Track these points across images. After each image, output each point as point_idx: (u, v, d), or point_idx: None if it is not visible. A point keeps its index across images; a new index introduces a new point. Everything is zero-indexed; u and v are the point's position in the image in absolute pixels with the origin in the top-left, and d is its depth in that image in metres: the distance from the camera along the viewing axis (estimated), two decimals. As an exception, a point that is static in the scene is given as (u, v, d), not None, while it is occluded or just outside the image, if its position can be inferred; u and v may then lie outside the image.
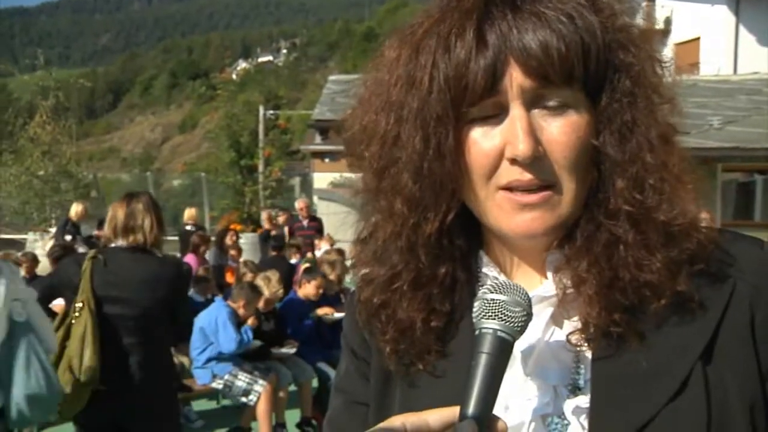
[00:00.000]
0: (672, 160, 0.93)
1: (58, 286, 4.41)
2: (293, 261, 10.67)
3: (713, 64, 27.63)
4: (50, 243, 13.27)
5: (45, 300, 4.48)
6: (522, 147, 0.88)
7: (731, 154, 13.68)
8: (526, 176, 0.90)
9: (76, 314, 3.98)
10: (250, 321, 6.78)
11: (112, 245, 4.16)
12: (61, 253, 8.34)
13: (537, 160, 0.90)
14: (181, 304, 4.43)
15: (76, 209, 13.60)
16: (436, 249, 0.99)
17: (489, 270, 1.03)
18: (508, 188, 0.92)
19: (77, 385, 3.90)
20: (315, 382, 7.33)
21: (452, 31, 0.91)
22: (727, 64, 28.23)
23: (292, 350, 7.20)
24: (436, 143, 0.93)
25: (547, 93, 0.90)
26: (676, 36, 31.25)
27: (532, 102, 0.90)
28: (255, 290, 7.02)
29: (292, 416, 7.09)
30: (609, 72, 0.92)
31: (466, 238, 1.02)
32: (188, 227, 12.65)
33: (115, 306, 4.05)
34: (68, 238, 13.04)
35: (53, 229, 14.99)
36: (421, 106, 0.93)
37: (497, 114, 0.91)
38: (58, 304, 5.22)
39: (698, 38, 30.26)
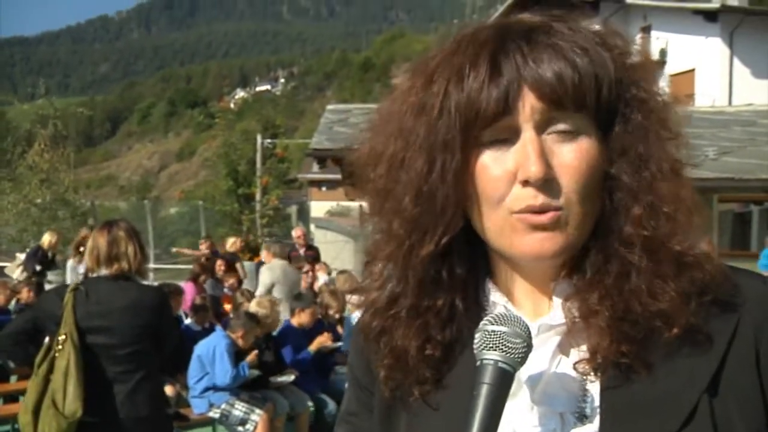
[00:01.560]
0: (684, 192, 0.95)
1: (41, 318, 4.33)
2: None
3: (708, 96, 27.85)
4: (18, 270, 13.26)
5: (27, 332, 4.40)
6: (534, 169, 0.89)
7: (727, 184, 13.75)
8: (539, 200, 0.91)
9: (59, 347, 3.91)
10: (250, 357, 6.71)
11: (94, 275, 4.13)
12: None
13: (548, 183, 0.91)
14: (166, 331, 4.35)
15: (50, 239, 13.59)
16: (433, 279, 1.01)
17: (497, 298, 1.04)
18: (520, 211, 0.93)
19: (60, 418, 3.82)
20: (312, 412, 7.28)
21: (466, 61, 0.93)
22: (722, 95, 28.46)
23: (291, 378, 7.16)
24: (440, 166, 0.94)
25: (559, 117, 0.91)
26: (671, 67, 31.50)
27: (543, 126, 0.92)
28: (253, 319, 6.99)
29: (289, 446, 7.05)
30: (621, 105, 0.95)
31: (468, 268, 1.03)
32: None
33: (100, 336, 4.00)
34: (38, 267, 13.04)
35: (22, 255, 14.90)
36: (428, 131, 0.95)
37: (508, 138, 0.93)
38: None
39: (693, 70, 30.52)
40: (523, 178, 0.91)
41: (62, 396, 3.83)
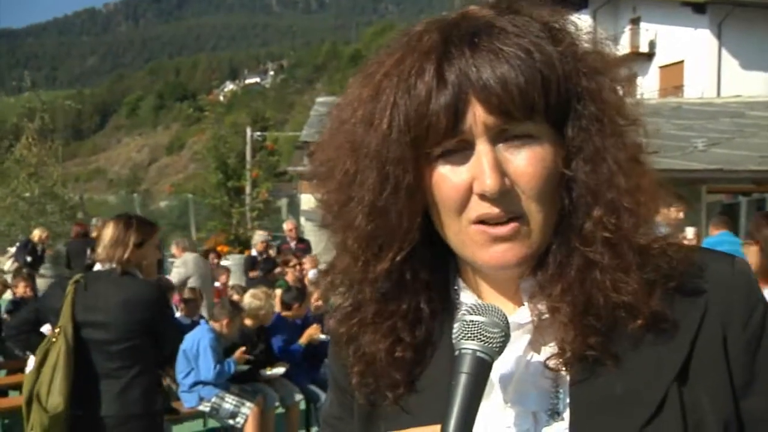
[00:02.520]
0: (644, 181, 0.95)
1: (43, 311, 4.31)
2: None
3: (697, 87, 27.95)
4: (8, 262, 13.26)
5: (31, 325, 4.38)
6: (489, 182, 0.89)
7: (715, 175, 13.82)
8: (495, 210, 0.91)
9: (53, 340, 3.90)
10: (237, 354, 6.68)
11: (96, 268, 4.10)
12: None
13: (505, 193, 0.91)
14: (164, 326, 4.28)
15: (39, 234, 13.58)
16: (396, 283, 1.00)
17: (466, 297, 1.04)
18: (480, 221, 0.93)
19: (42, 412, 3.78)
20: (303, 404, 7.29)
21: (412, 71, 0.92)
22: (711, 87, 28.58)
23: (282, 370, 7.15)
24: (393, 183, 0.94)
25: (511, 127, 0.91)
26: (660, 59, 31.63)
27: (496, 136, 0.91)
28: (237, 308, 6.96)
29: (280, 439, 7.05)
30: (572, 101, 0.94)
31: (433, 270, 1.03)
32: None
33: (95, 330, 3.96)
34: (29, 258, 13.03)
35: (12, 249, 14.86)
36: (379, 147, 0.94)
37: (463, 149, 0.93)
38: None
39: (682, 61, 30.62)
40: (479, 191, 0.91)
41: (47, 390, 3.81)
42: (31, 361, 7.05)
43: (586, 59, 0.96)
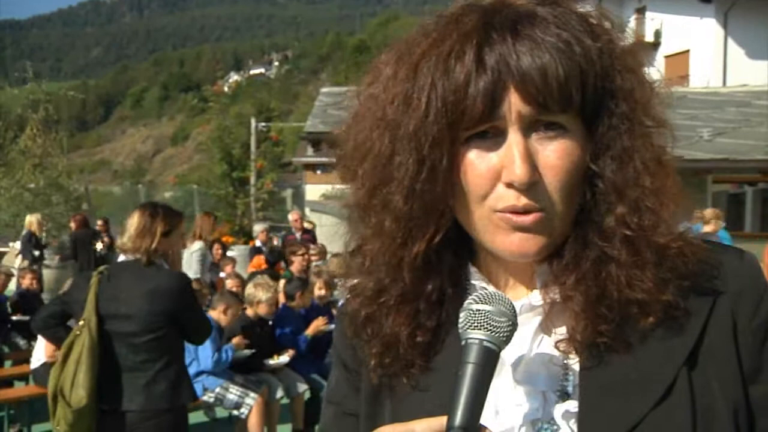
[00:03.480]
0: (668, 183, 0.95)
1: (70, 303, 4.19)
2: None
3: (703, 77, 27.85)
4: (17, 260, 13.27)
5: (57, 316, 4.28)
6: (519, 172, 0.89)
7: (721, 165, 13.78)
8: (522, 201, 0.91)
9: (78, 333, 3.83)
10: (235, 340, 6.66)
11: (120, 259, 4.05)
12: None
13: (532, 185, 0.91)
14: (190, 317, 4.19)
15: (30, 220, 13.58)
16: (423, 265, 1.01)
17: (477, 281, 1.04)
18: (504, 211, 0.93)
19: (66, 408, 3.74)
20: (308, 394, 7.30)
21: (452, 53, 0.91)
22: (717, 76, 28.46)
23: (286, 359, 7.16)
24: (430, 166, 0.94)
25: (544, 118, 0.91)
26: (665, 48, 31.49)
27: (529, 126, 0.91)
28: (235, 296, 6.95)
29: (284, 430, 7.06)
30: (606, 98, 0.94)
31: (455, 253, 1.03)
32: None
33: (119, 323, 3.89)
34: (36, 253, 13.04)
35: (16, 244, 14.88)
36: (417, 128, 0.93)
37: (495, 135, 0.92)
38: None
39: (688, 51, 30.50)
40: (507, 180, 0.91)
41: (70, 384, 3.75)
42: (37, 352, 7.11)
43: (622, 57, 0.95)
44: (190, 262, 9.42)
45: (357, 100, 1.04)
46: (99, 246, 14.37)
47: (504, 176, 0.91)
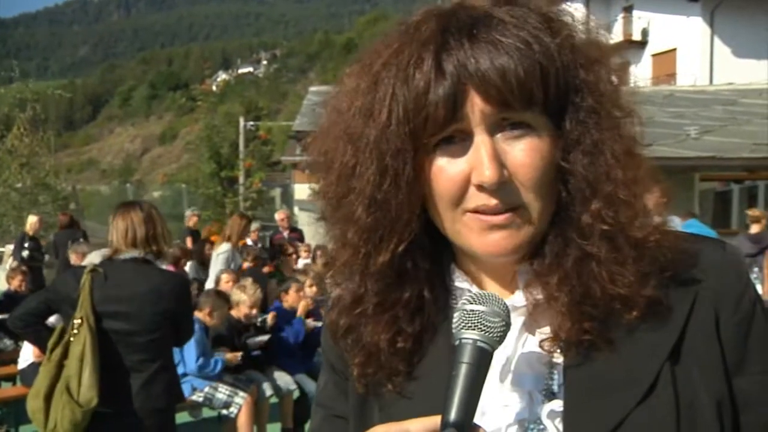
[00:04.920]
0: (640, 173, 0.95)
1: (55, 300, 4.06)
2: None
3: (690, 75, 27.98)
4: (9, 260, 13.19)
5: (39, 314, 4.11)
6: (488, 173, 0.90)
7: (708, 163, 13.83)
8: (492, 201, 0.92)
9: (75, 331, 3.73)
10: (229, 356, 6.62)
11: (114, 258, 3.95)
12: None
13: (503, 185, 0.91)
14: (184, 319, 4.16)
15: (30, 221, 13.50)
16: (398, 273, 1.00)
17: (462, 284, 1.04)
18: (476, 211, 0.94)
19: (75, 406, 3.65)
20: (297, 393, 7.30)
21: (410, 62, 0.92)
22: (703, 74, 28.61)
23: (265, 338, 7.18)
24: (393, 174, 0.94)
25: (509, 117, 0.91)
26: (652, 47, 31.66)
27: (494, 127, 0.92)
28: (221, 297, 6.92)
29: (273, 429, 7.05)
30: (570, 93, 0.94)
31: (432, 258, 1.03)
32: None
33: (117, 322, 3.82)
34: (25, 254, 12.94)
35: (9, 246, 14.81)
36: (378, 138, 0.94)
37: (462, 140, 0.93)
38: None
39: (675, 49, 30.65)
40: (477, 182, 0.92)
41: (77, 383, 3.68)
42: (24, 352, 7.06)
43: (583, 50, 0.96)
44: (216, 264, 9.26)
45: (325, 109, 1.05)
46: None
47: (474, 178, 0.92)
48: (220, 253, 9.36)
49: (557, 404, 0.95)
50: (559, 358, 0.96)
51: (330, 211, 1.03)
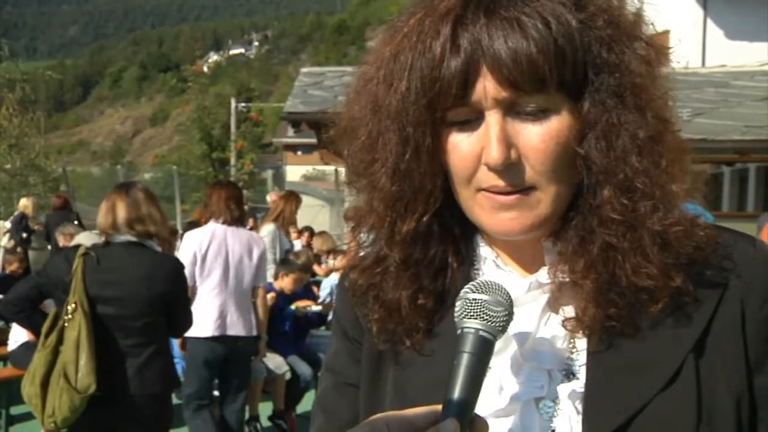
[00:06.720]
0: (663, 161, 0.92)
1: (47, 285, 3.97)
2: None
3: (682, 57, 27.90)
4: (5, 239, 13.13)
5: (32, 299, 4.02)
6: (494, 154, 0.89)
7: (700, 145, 13.81)
8: (501, 182, 0.91)
9: (69, 317, 3.68)
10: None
11: (108, 241, 3.90)
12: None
13: (512, 166, 0.90)
14: (179, 303, 4.11)
15: (25, 203, 13.45)
16: (424, 233, 1.00)
17: (486, 253, 1.04)
18: (487, 190, 0.93)
19: (73, 392, 3.62)
20: (288, 375, 7.32)
21: (429, 32, 0.91)
22: (696, 56, 28.56)
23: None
24: (414, 145, 0.94)
25: (522, 100, 0.90)
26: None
27: (508, 107, 0.90)
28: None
29: (265, 409, 7.08)
30: (590, 73, 0.91)
31: (461, 225, 1.03)
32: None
33: (111, 306, 3.77)
34: (24, 235, 12.90)
35: (6, 223, 14.72)
36: (399, 108, 0.94)
37: (476, 117, 0.92)
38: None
39: (668, 31, 30.56)
40: (485, 162, 0.91)
41: (74, 369, 3.64)
42: (15, 334, 7.03)
43: (610, 29, 0.92)
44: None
45: (354, 79, 1.05)
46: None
47: (483, 158, 0.91)
48: (264, 235, 8.91)
49: (578, 384, 0.95)
50: (581, 339, 0.96)
51: (355, 179, 1.04)
